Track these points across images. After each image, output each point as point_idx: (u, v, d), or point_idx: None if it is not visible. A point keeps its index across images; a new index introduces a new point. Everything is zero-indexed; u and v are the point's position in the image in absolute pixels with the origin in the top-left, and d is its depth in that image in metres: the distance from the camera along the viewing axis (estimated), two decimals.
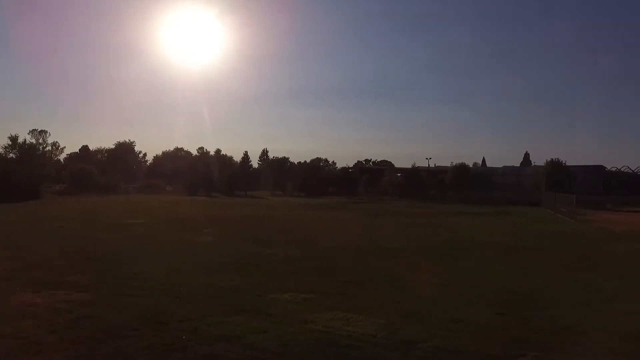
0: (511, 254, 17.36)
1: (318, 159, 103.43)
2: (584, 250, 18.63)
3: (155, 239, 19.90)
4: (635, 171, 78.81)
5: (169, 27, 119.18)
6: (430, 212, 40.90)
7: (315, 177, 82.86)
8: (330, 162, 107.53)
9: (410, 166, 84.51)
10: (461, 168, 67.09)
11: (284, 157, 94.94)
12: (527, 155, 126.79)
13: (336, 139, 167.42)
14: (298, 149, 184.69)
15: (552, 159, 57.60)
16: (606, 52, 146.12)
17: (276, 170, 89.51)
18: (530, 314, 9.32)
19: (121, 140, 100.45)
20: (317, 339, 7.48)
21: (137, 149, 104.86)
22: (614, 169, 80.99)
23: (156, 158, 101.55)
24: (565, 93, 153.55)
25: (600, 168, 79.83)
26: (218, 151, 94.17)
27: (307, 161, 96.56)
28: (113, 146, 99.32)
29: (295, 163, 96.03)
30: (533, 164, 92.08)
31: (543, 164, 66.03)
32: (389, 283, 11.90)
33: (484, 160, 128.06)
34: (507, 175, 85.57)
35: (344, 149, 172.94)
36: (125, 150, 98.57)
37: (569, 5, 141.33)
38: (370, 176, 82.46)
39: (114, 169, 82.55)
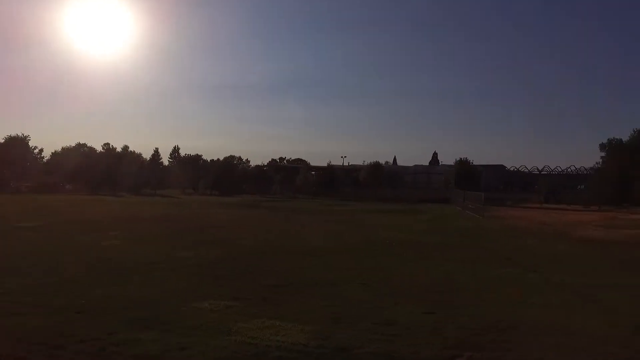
0: (431, 251, 17.64)
1: (232, 157, 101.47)
2: (497, 245, 19.48)
3: (51, 243, 17.71)
4: (530, 170, 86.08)
5: (73, 13, 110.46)
6: (346, 209, 41.34)
7: (229, 175, 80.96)
8: (244, 160, 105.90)
9: (325, 164, 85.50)
10: (375, 166, 68.83)
11: (197, 154, 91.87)
12: (435, 154, 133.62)
13: (251, 136, 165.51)
14: (211, 146, 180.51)
15: (460, 158, 60.86)
16: (508, 58, 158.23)
17: (188, 167, 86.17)
18: (457, 312, 9.26)
19: (12, 134, 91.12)
20: (244, 352, 6.74)
21: (31, 144, 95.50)
22: (513, 169, 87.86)
23: (55, 154, 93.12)
24: (471, 95, 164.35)
25: (501, 167, 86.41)
26: (126, 147, 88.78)
27: (221, 159, 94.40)
28: (2, 140, 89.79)
29: (208, 160, 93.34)
30: (441, 163, 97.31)
31: (452, 163, 69.58)
32: (315, 285, 11.38)
33: (395, 159, 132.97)
34: (418, 174, 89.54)
35: (258, 146, 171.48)
36: (17, 145, 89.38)
37: (481, 12, 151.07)
38: (285, 174, 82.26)
39: (2, 165, 74.48)
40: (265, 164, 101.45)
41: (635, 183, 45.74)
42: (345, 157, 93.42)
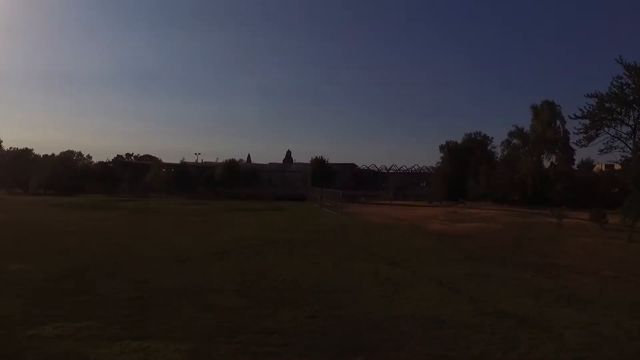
0: (300, 248, 17.36)
1: (70, 152, 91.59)
2: (361, 241, 19.95)
3: None
4: (379, 169, 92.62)
5: None
6: (204, 209, 39.51)
7: (67, 172, 72.40)
8: (85, 156, 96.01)
9: (178, 161, 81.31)
10: (231, 164, 67.28)
11: (26, 148, 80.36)
12: (289, 152, 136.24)
13: (92, 130, 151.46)
14: (45, 139, 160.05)
15: (316, 157, 62.36)
16: (360, 60, 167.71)
17: (15, 163, 74.88)
18: (340, 313, 9.00)
19: None
20: None
21: None
22: (363, 167, 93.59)
23: None
24: (323, 94, 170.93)
25: (353, 166, 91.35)
26: None
27: (57, 154, 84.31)
28: None
29: (41, 156, 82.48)
30: (295, 161, 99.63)
31: (305, 162, 71.12)
32: (185, 294, 10.19)
33: (249, 157, 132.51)
34: (273, 172, 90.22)
35: (101, 141, 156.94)
36: None
37: (336, 12, 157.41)
38: (134, 171, 76.32)
39: None
40: (111, 160, 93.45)
41: (469, 181, 51.54)
42: (199, 154, 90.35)
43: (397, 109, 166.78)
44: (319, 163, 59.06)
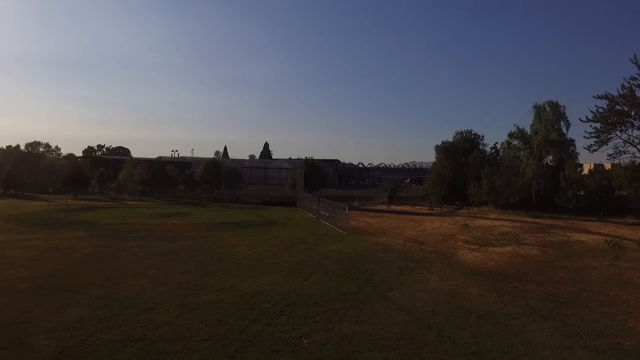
0: (332, 321, 12.46)
1: (37, 143, 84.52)
2: (403, 298, 14.57)
3: None
4: (365, 166, 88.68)
5: None
6: (189, 226, 33.72)
7: (32, 167, 64.28)
8: (53, 147, 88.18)
9: (152, 154, 75.48)
10: (212, 164, 61.54)
11: None
12: (267, 145, 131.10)
13: (61, 119, 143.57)
14: (5, 128, 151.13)
15: (306, 157, 57.29)
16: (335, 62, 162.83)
17: None
18: None
19: None
20: None
21: None
22: (348, 164, 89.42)
23: None
24: (299, 87, 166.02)
25: (336, 162, 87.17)
26: None
27: (21, 146, 76.91)
28: None
29: (5, 148, 75.05)
30: (272, 154, 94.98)
31: (285, 157, 66.24)
32: None
33: (225, 149, 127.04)
34: (254, 169, 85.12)
35: (70, 130, 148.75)
36: None
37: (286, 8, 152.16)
38: (106, 168, 69.47)
39: None
40: (82, 152, 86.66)
41: (470, 185, 47.83)
42: (176, 151, 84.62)
43: (380, 105, 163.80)
44: (310, 164, 54.24)
